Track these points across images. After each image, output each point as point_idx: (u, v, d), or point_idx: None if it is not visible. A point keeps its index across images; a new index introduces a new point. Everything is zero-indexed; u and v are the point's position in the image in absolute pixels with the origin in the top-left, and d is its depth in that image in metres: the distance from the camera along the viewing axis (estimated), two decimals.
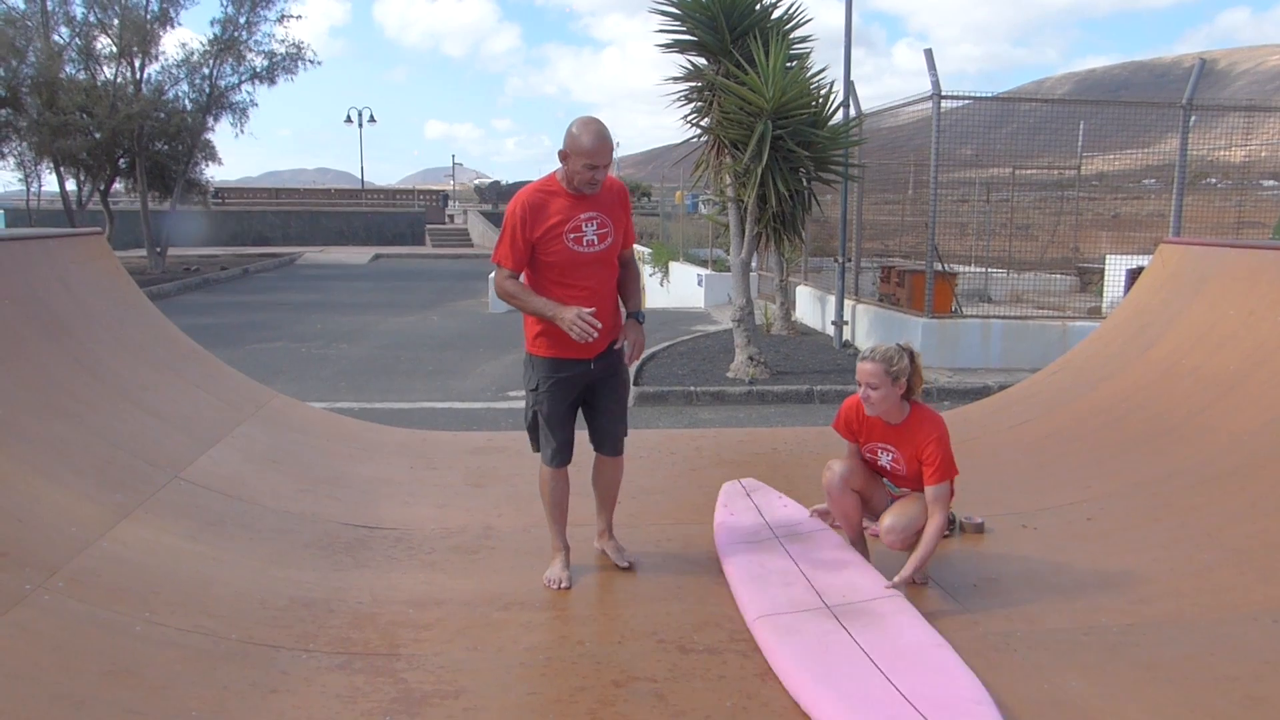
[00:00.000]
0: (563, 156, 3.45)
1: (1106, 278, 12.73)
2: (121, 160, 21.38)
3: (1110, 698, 2.83)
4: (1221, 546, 3.81)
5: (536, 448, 3.83)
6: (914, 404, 3.59)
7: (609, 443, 3.85)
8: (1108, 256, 13.34)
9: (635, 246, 3.89)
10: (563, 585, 3.72)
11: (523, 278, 3.60)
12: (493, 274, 3.78)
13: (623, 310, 3.74)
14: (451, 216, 47.94)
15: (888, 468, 3.64)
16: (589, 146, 3.37)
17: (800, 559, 3.74)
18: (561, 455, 3.76)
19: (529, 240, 3.50)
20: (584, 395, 3.76)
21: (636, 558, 3.96)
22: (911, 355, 3.53)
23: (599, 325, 3.44)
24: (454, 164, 77.03)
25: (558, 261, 3.51)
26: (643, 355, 3.66)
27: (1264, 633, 3.18)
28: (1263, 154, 12.33)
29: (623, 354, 3.68)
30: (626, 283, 3.73)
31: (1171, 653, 3.11)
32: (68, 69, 20.17)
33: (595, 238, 3.52)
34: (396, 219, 40.96)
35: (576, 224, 3.49)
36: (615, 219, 3.58)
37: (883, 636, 3.09)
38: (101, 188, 22.31)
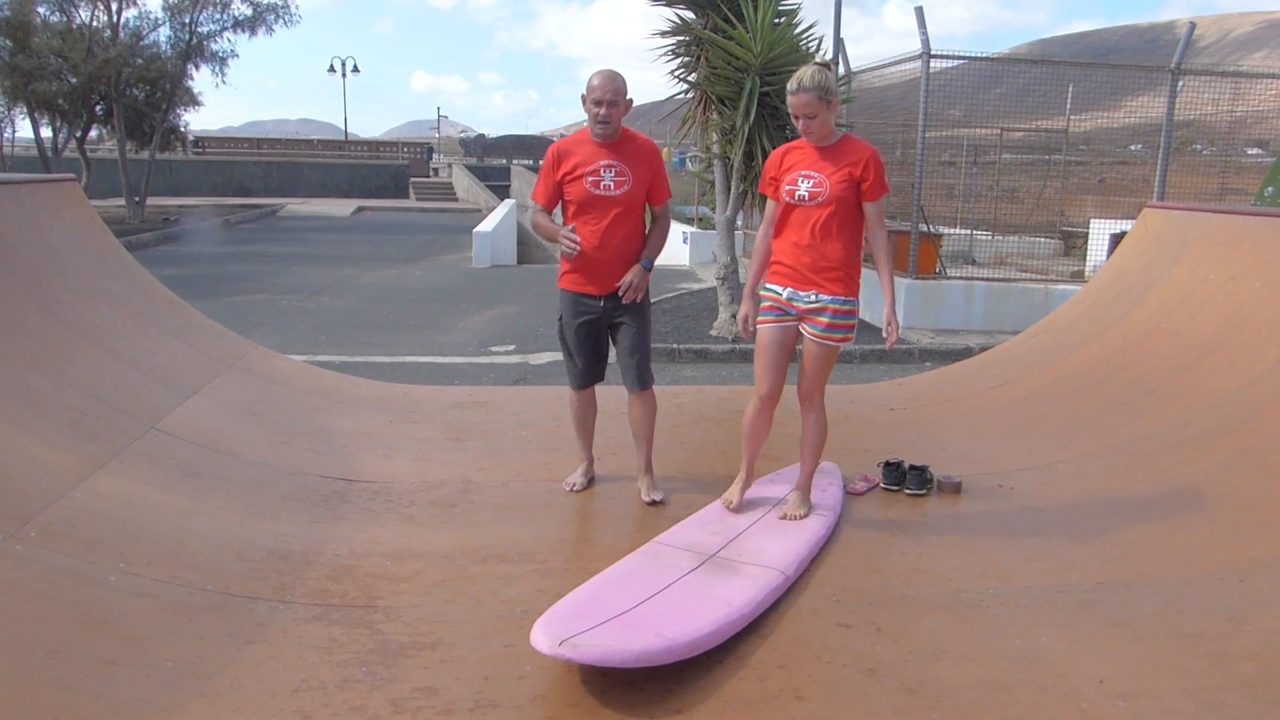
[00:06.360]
0: (583, 101, 3.90)
1: (1090, 242, 12.77)
2: (98, 107, 20.97)
3: (1079, 654, 2.87)
4: (1193, 507, 3.86)
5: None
6: (844, 134, 3.72)
7: (627, 377, 4.16)
8: (1092, 221, 13.37)
9: None
10: (575, 487, 4.29)
11: (558, 216, 4.08)
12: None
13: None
14: (436, 170, 47.40)
15: (806, 195, 3.60)
16: (593, 83, 3.85)
17: (759, 523, 3.78)
18: (580, 379, 4.20)
19: (556, 180, 3.96)
20: (610, 333, 4.14)
21: (664, 495, 4.20)
22: (828, 66, 3.62)
23: (577, 240, 3.89)
24: (439, 116, 76.10)
25: (576, 200, 3.94)
26: (638, 297, 4.03)
27: (1231, 591, 3.23)
28: (1248, 121, 12.32)
29: (638, 298, 4.03)
30: (651, 234, 4.11)
31: (1141, 610, 3.15)
32: (42, 10, 19.67)
33: (612, 184, 3.90)
34: (380, 171, 40.44)
35: (596, 169, 3.90)
36: (636, 171, 3.93)
37: (701, 582, 3.17)
38: (78, 135, 21.89)
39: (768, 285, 3.76)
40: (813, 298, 3.64)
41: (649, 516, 4.02)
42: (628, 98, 3.90)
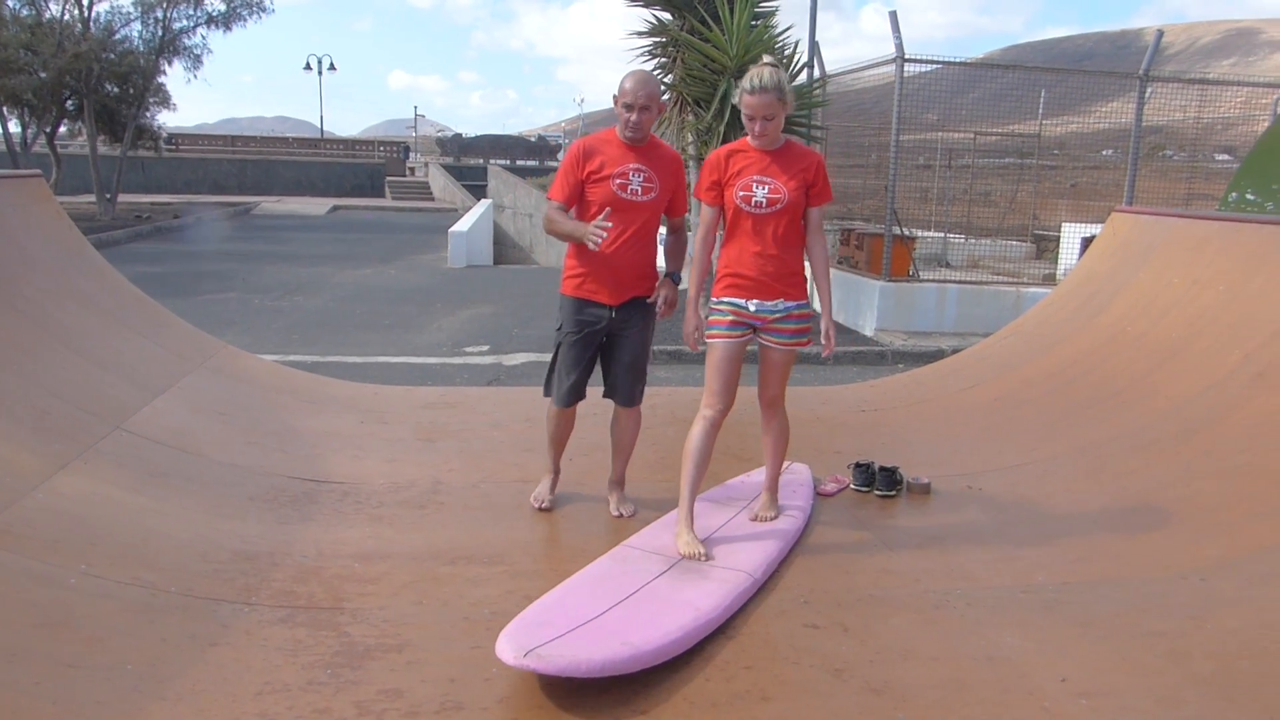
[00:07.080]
0: (614, 102, 3.75)
1: (1062, 245, 12.90)
2: (69, 102, 20.72)
3: (1043, 653, 2.90)
4: (1157, 508, 3.91)
5: (547, 391, 4.01)
6: (787, 139, 3.63)
7: (621, 393, 3.97)
8: (1064, 225, 13.50)
9: None
10: (542, 505, 4.07)
11: (573, 214, 3.82)
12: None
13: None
14: (413, 169, 47.19)
15: (764, 201, 3.49)
16: (625, 86, 3.69)
17: (728, 525, 3.79)
18: (568, 396, 3.94)
19: (579, 179, 3.77)
20: (606, 344, 3.92)
21: (633, 509, 4.06)
22: (780, 65, 3.58)
23: (608, 226, 3.61)
24: (416, 115, 75.79)
25: (600, 202, 3.74)
26: (672, 312, 3.95)
27: (1191, 591, 3.27)
28: (1217, 127, 12.49)
29: (650, 310, 3.89)
30: (674, 246, 4.05)
31: (1104, 610, 3.19)
32: (10, 4, 19.42)
33: (639, 188, 3.75)
34: (356, 170, 40.23)
35: (624, 172, 3.73)
36: (662, 180, 3.79)
37: (669, 586, 3.17)
38: (47, 130, 21.62)
39: (726, 299, 3.62)
40: (780, 306, 3.57)
41: (619, 519, 4.01)
42: (661, 101, 3.78)
